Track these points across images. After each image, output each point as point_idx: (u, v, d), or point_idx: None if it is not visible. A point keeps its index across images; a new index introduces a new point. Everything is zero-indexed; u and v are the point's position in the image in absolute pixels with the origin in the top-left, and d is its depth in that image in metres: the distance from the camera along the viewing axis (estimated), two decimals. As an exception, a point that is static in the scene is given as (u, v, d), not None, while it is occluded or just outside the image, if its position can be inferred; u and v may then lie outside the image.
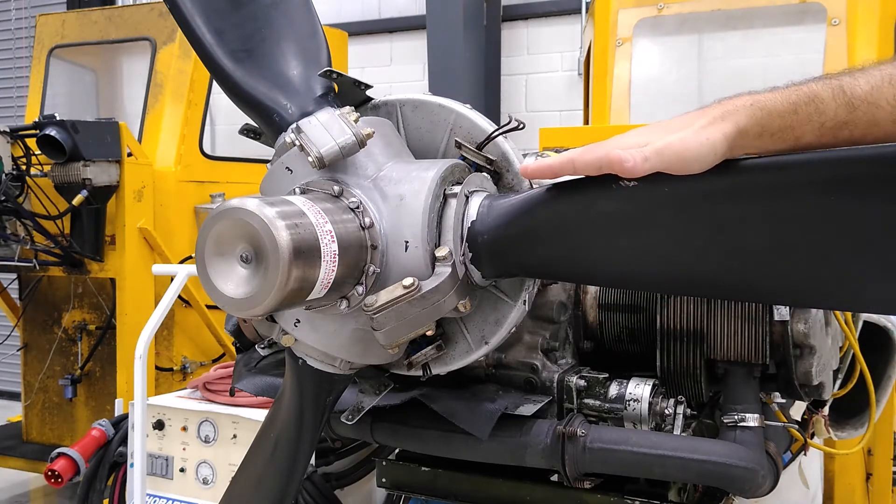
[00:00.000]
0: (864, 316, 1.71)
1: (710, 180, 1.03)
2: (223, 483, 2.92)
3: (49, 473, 3.76)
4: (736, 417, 1.35)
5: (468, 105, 1.33)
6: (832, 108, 0.94)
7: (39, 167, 4.63)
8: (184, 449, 3.20)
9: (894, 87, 0.92)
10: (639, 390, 1.37)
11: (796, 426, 1.52)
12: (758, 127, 0.97)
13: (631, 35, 3.43)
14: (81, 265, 4.72)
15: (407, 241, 1.17)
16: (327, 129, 1.20)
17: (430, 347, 1.28)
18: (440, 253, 1.16)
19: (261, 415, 2.54)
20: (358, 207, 1.16)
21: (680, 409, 1.37)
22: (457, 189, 1.20)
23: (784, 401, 1.51)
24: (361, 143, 1.19)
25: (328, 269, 1.08)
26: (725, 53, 3.64)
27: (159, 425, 3.23)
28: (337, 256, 1.09)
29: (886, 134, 0.92)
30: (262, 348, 1.43)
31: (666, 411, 1.37)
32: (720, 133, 0.98)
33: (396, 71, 7.40)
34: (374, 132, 1.21)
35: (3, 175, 4.43)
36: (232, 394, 3.09)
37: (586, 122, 3.95)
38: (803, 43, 3.38)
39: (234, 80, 1.32)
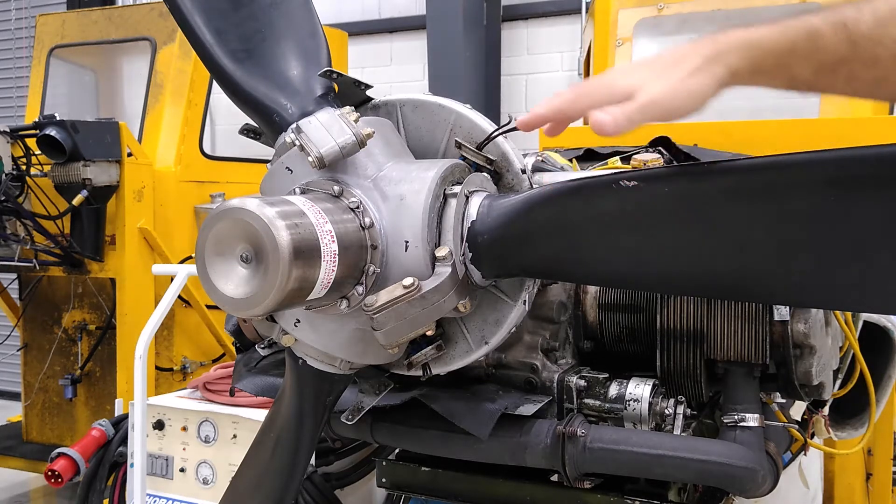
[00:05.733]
0: (864, 316, 1.71)
1: (711, 180, 1.03)
2: (223, 483, 2.92)
3: (49, 473, 3.76)
4: (736, 417, 1.35)
5: (468, 105, 1.33)
6: (832, 44, 0.88)
7: (39, 167, 4.63)
8: (184, 449, 3.19)
9: None
10: (639, 390, 1.37)
11: (796, 426, 1.52)
12: (751, 67, 0.93)
13: (631, 35, 3.42)
14: (81, 265, 4.71)
15: (407, 241, 1.17)
16: (327, 129, 1.20)
17: (430, 347, 1.28)
18: (440, 253, 1.16)
19: (261, 415, 2.54)
20: (358, 207, 1.17)
21: (680, 409, 1.37)
22: (457, 189, 1.20)
23: (784, 401, 1.51)
24: (361, 143, 1.19)
25: (328, 269, 1.08)
26: (725, 53, 3.63)
27: (159, 425, 3.23)
28: (337, 256, 1.09)
29: (885, 73, 0.85)
30: (262, 348, 1.43)
31: (666, 411, 1.37)
32: (711, 79, 0.94)
33: (396, 71, 7.39)
34: (374, 132, 1.21)
35: (3, 175, 4.43)
36: (232, 394, 3.09)
37: (586, 122, 3.96)
38: (803, 43, 3.37)
39: (234, 80, 1.32)
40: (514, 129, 1.27)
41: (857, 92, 0.90)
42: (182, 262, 4.64)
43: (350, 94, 1.34)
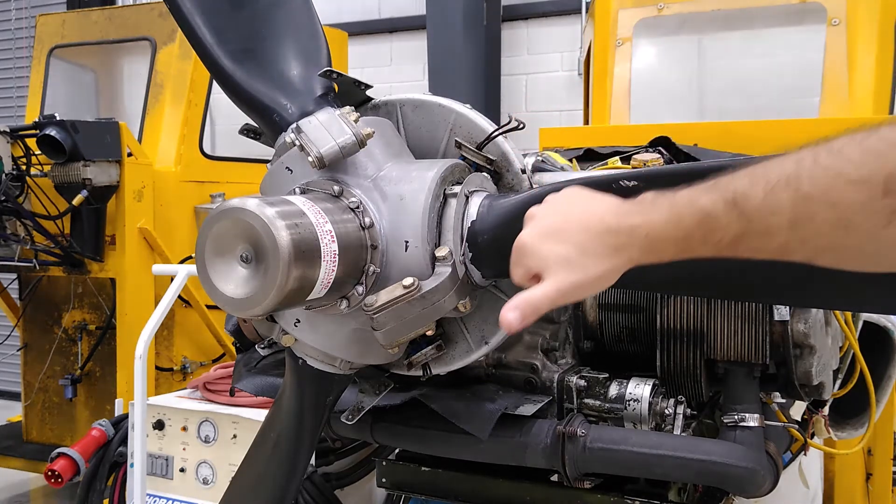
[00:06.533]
0: (864, 316, 1.70)
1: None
2: (223, 483, 2.92)
3: (49, 473, 3.76)
4: (736, 417, 1.35)
5: (468, 105, 1.33)
6: (724, 224, 0.87)
7: (39, 167, 4.62)
8: (184, 449, 3.19)
9: (790, 188, 0.81)
10: (639, 390, 1.37)
11: (796, 426, 1.52)
12: (653, 258, 0.96)
13: (631, 35, 3.43)
14: (81, 265, 4.71)
15: (407, 241, 1.17)
16: (327, 129, 1.20)
17: (430, 347, 1.28)
18: (440, 253, 1.16)
19: (261, 415, 2.54)
20: (358, 207, 1.17)
21: (680, 409, 1.37)
22: (457, 189, 1.20)
23: (784, 401, 1.51)
24: (361, 143, 1.19)
25: (328, 269, 1.08)
26: (725, 53, 3.64)
27: (159, 425, 3.23)
28: (337, 256, 1.09)
29: (786, 241, 0.82)
30: (262, 348, 1.43)
31: (666, 411, 1.37)
32: (613, 269, 0.98)
33: (396, 71, 7.39)
34: (374, 132, 1.21)
35: (3, 175, 4.43)
36: (232, 394, 3.09)
37: (586, 122, 3.95)
38: (803, 43, 3.38)
39: (234, 80, 1.32)
40: (514, 128, 1.27)
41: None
42: (182, 262, 4.64)
43: (350, 94, 1.34)
